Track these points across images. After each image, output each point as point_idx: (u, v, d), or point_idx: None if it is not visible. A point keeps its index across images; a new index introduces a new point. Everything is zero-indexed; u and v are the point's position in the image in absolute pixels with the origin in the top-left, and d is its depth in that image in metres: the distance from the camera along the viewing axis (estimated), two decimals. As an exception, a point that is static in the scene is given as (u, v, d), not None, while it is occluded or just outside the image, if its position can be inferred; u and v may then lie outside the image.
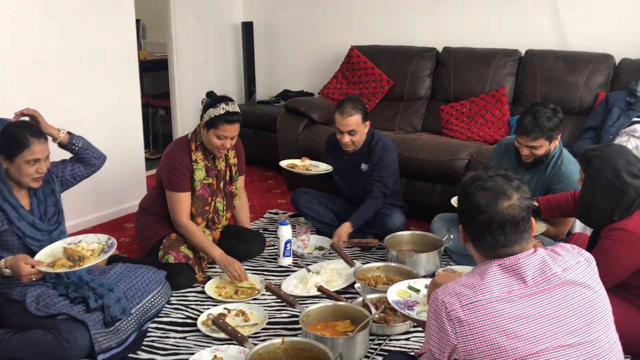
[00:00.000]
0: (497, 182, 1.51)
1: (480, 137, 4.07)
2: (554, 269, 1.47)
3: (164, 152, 3.09)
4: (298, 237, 3.34)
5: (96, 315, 2.35)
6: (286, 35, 5.54)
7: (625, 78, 3.79)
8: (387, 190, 3.37)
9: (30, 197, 2.45)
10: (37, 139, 2.34)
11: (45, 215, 2.46)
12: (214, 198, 3.10)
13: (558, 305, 1.43)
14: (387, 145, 3.41)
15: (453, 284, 1.48)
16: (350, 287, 2.91)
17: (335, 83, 4.89)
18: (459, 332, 1.41)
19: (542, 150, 2.91)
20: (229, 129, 2.91)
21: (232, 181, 3.19)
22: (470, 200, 1.50)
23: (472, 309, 1.41)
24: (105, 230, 3.78)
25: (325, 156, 3.64)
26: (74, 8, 3.57)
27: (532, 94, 4.08)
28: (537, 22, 4.29)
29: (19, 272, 2.20)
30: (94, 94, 3.77)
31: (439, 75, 4.50)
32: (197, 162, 3.00)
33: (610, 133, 3.45)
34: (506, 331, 1.38)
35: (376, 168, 3.38)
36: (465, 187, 1.55)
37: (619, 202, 2.23)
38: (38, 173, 2.36)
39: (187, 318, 2.66)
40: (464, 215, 1.55)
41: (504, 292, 1.43)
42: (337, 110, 3.34)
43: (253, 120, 5.06)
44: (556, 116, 2.87)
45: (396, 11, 4.87)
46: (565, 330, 1.41)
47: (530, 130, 2.85)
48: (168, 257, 2.90)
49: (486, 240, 1.49)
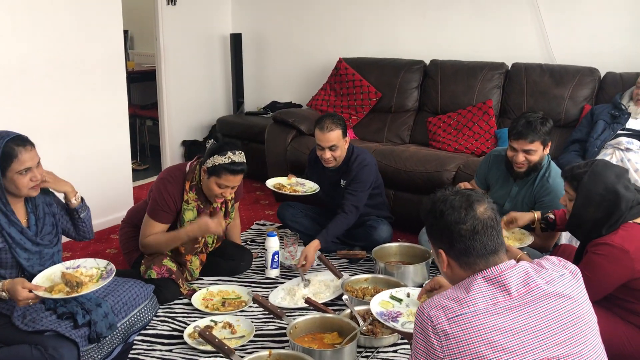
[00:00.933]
0: (464, 194, 1.58)
1: (468, 149, 4.09)
2: (537, 281, 1.48)
3: (159, 176, 3.00)
4: (285, 249, 3.33)
5: (82, 331, 2.32)
6: (274, 47, 5.56)
7: (610, 91, 3.83)
8: (359, 204, 3.32)
9: (29, 214, 2.40)
10: (24, 147, 2.27)
11: (41, 233, 2.41)
12: (204, 235, 3.02)
13: (543, 318, 1.44)
14: (364, 162, 3.37)
15: (439, 298, 1.49)
16: (338, 299, 2.90)
17: (323, 95, 4.91)
18: (445, 345, 1.41)
19: (537, 156, 2.92)
20: (232, 179, 2.80)
21: (226, 215, 3.10)
22: (448, 216, 1.54)
23: (458, 322, 1.41)
24: (91, 242, 3.75)
25: (308, 171, 3.63)
26: (61, 18, 3.56)
27: (519, 106, 4.12)
28: (524, 35, 4.34)
29: (15, 296, 2.16)
30: (81, 105, 3.75)
31: (426, 88, 4.53)
32: (188, 202, 2.90)
33: (595, 146, 3.49)
34: (492, 344, 1.39)
35: (351, 184, 3.35)
36: (435, 209, 1.58)
37: (609, 217, 2.24)
38: (33, 181, 2.30)
39: (174, 330, 2.64)
40: (445, 233, 1.56)
41: (489, 304, 1.44)
42: (317, 126, 3.31)
43: (241, 132, 5.06)
44: (547, 122, 2.90)
45: (384, 24, 4.91)
46: (551, 343, 1.42)
47: (527, 133, 2.86)
48: (150, 272, 2.84)
49: (475, 251, 1.51)
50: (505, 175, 3.10)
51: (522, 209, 3.01)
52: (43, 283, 2.29)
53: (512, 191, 3.09)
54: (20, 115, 3.41)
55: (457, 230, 1.53)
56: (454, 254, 1.56)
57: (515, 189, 3.07)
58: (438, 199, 1.60)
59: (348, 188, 3.35)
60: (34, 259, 2.35)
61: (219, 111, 5.63)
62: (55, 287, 2.27)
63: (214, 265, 3.14)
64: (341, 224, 3.27)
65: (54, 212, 2.49)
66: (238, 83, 5.56)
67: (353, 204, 3.29)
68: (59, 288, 2.26)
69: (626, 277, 2.20)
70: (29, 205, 2.40)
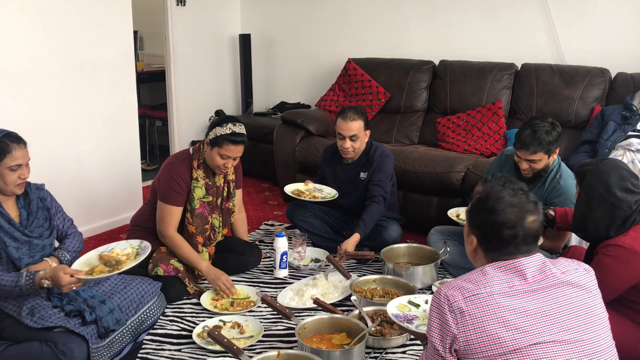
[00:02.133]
0: (521, 198, 1.60)
1: (477, 150, 4.08)
2: (553, 270, 1.54)
3: (163, 164, 3.06)
4: (294, 249, 3.33)
5: (91, 328, 2.34)
6: (283, 48, 5.56)
7: (621, 92, 3.81)
8: (386, 195, 3.36)
9: (20, 210, 2.42)
10: (17, 144, 2.31)
11: (31, 225, 2.42)
12: (212, 215, 3.08)
13: (556, 303, 1.49)
14: (385, 153, 3.43)
15: (455, 280, 1.55)
16: (347, 300, 2.90)
17: (332, 95, 4.90)
18: (460, 322, 1.46)
19: (541, 165, 2.91)
20: (233, 149, 2.89)
21: (229, 197, 3.15)
22: (499, 216, 1.57)
23: (473, 300, 1.47)
24: (100, 242, 3.76)
25: (321, 167, 3.64)
26: (72, 19, 3.58)
27: (528, 107, 4.10)
28: (533, 36, 4.32)
29: (59, 282, 2.22)
30: (91, 105, 3.77)
31: (435, 88, 4.52)
32: (197, 180, 2.97)
33: (605, 147, 3.46)
34: (505, 323, 1.44)
35: (375, 174, 3.38)
36: (488, 202, 1.61)
37: (613, 218, 2.23)
38: (20, 179, 2.33)
39: (183, 330, 2.65)
40: (487, 227, 1.59)
41: (505, 287, 1.49)
42: (340, 116, 3.36)
43: (250, 132, 4.99)
44: (555, 130, 2.88)
45: (393, 24, 4.90)
46: (561, 327, 1.46)
47: (530, 144, 2.85)
48: (157, 269, 2.86)
49: (507, 250, 1.56)
50: (516, 177, 3.08)
51: None
52: (81, 268, 2.35)
53: None
54: (30, 116, 3.43)
55: (500, 232, 1.56)
56: (487, 247, 1.60)
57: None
58: (495, 194, 1.63)
59: (373, 179, 3.37)
60: (24, 249, 2.36)
61: (227, 111, 5.63)
62: (95, 268, 2.34)
63: (224, 260, 3.15)
64: (375, 213, 3.30)
65: (47, 207, 2.50)
66: (247, 83, 5.57)
67: (381, 194, 3.33)
68: (99, 269, 2.33)
69: (637, 278, 2.19)
70: (20, 201, 2.42)
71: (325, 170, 3.60)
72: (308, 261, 3.35)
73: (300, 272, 3.26)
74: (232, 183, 3.16)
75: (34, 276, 2.24)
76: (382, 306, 2.61)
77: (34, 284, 2.23)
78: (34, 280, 2.23)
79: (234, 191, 3.19)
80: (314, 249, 3.47)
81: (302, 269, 3.27)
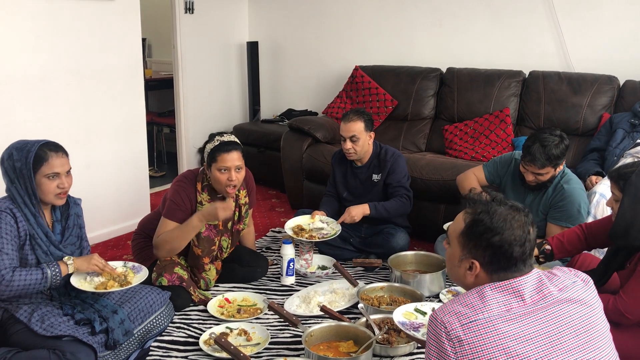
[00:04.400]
0: (516, 212, 1.53)
1: (485, 157, 4.07)
2: (550, 288, 1.48)
3: (174, 180, 3.03)
4: (301, 256, 3.32)
5: (99, 337, 2.34)
6: (291, 55, 5.58)
7: (630, 100, 3.80)
8: (410, 193, 3.39)
9: (54, 222, 2.44)
10: (55, 152, 2.34)
11: (65, 242, 2.45)
12: (219, 237, 3.05)
13: (556, 324, 1.43)
14: (397, 153, 3.45)
15: (452, 303, 1.47)
16: (354, 307, 2.89)
17: (339, 102, 4.91)
18: (459, 351, 1.40)
19: (547, 177, 2.93)
20: (228, 157, 2.82)
21: (240, 220, 3.13)
22: (507, 235, 1.49)
23: (472, 328, 1.40)
24: (108, 248, 3.78)
25: (332, 171, 3.64)
26: (81, 27, 3.61)
27: (536, 114, 4.09)
28: (541, 43, 4.32)
29: (89, 259, 2.40)
30: (99, 112, 3.79)
31: (443, 96, 4.52)
32: (201, 203, 2.93)
33: (614, 154, 3.45)
34: (506, 350, 1.38)
35: (391, 176, 3.39)
36: (489, 222, 1.51)
37: None
38: (60, 188, 2.34)
39: (189, 337, 2.64)
40: (493, 250, 1.50)
41: (504, 310, 1.43)
42: (342, 118, 3.39)
43: (257, 139, 5.08)
44: (562, 143, 2.87)
45: (400, 32, 4.91)
46: (564, 349, 1.41)
47: (538, 159, 2.85)
48: (161, 279, 2.85)
49: (516, 269, 1.49)
50: (520, 184, 3.08)
51: (536, 217, 2.99)
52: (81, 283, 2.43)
53: (526, 199, 3.06)
54: (40, 123, 3.46)
55: (510, 251, 1.48)
56: (493, 269, 1.51)
57: (530, 196, 3.05)
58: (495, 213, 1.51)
59: (392, 182, 3.39)
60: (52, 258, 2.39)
61: (235, 118, 5.66)
62: (107, 283, 2.45)
63: (230, 271, 3.15)
64: (396, 206, 3.33)
65: (81, 225, 2.52)
66: (254, 91, 5.58)
67: (405, 193, 3.36)
68: (110, 285, 2.44)
69: None
70: (55, 213, 2.43)
71: (337, 173, 3.60)
72: (315, 268, 3.35)
73: (307, 279, 3.26)
74: (245, 206, 3.13)
75: (58, 265, 2.31)
76: (389, 314, 2.60)
77: (59, 271, 2.30)
78: (59, 267, 2.30)
79: (246, 213, 3.16)
80: (321, 256, 3.46)
81: (309, 276, 3.27)
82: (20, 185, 2.30)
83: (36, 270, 2.26)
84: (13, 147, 2.34)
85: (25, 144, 2.34)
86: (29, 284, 2.24)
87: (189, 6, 5.05)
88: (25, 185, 2.30)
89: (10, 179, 2.32)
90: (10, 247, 2.24)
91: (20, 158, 2.29)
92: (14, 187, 2.31)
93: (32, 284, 2.25)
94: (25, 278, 2.23)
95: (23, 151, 2.30)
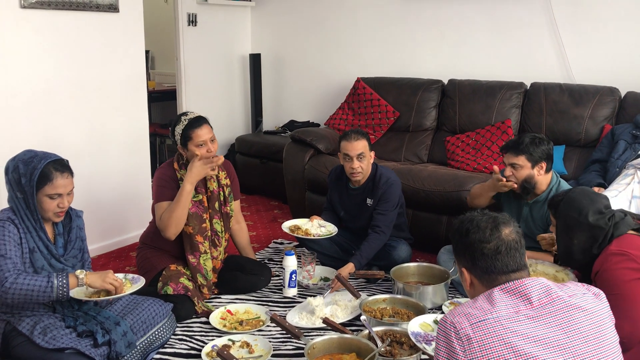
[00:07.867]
0: (491, 215, 1.66)
1: (487, 168, 4.07)
2: (559, 293, 1.52)
3: (153, 179, 3.14)
4: (303, 268, 3.32)
5: (102, 350, 2.33)
6: (293, 67, 5.61)
7: (631, 111, 3.80)
8: (390, 225, 3.35)
9: (56, 236, 2.44)
10: (61, 173, 2.33)
11: (68, 254, 2.45)
12: (210, 218, 3.11)
13: (565, 330, 1.45)
14: (390, 180, 3.40)
15: (461, 307, 1.53)
16: (356, 320, 2.89)
17: (341, 114, 4.93)
18: (468, 350, 1.43)
19: (524, 172, 2.93)
20: (201, 132, 2.96)
21: (226, 202, 3.20)
22: (474, 234, 1.61)
23: (480, 327, 1.44)
24: (110, 259, 3.78)
25: (329, 192, 3.63)
26: (85, 39, 3.64)
27: (538, 126, 4.10)
28: (542, 55, 4.34)
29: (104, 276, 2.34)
30: (102, 123, 3.81)
31: (444, 107, 4.53)
32: (182, 179, 3.01)
33: (616, 166, 3.45)
34: (514, 348, 1.40)
35: (380, 203, 3.36)
36: (464, 226, 1.65)
37: (595, 238, 2.26)
38: (59, 208, 2.35)
39: (191, 349, 2.64)
40: (468, 251, 1.62)
41: (512, 311, 1.47)
42: (343, 139, 3.35)
43: (259, 150, 5.09)
44: (542, 143, 2.93)
45: (402, 43, 4.93)
46: (571, 354, 1.43)
47: (511, 147, 2.95)
48: (167, 288, 2.86)
49: (496, 269, 1.57)
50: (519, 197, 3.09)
51: (535, 230, 3.00)
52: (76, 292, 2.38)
53: (523, 212, 3.07)
54: (43, 134, 3.48)
55: (480, 249, 1.59)
56: (476, 272, 1.61)
57: (527, 209, 3.06)
58: (466, 218, 1.68)
59: (377, 208, 3.36)
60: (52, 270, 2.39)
61: (237, 130, 5.68)
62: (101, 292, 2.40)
63: (234, 279, 3.15)
64: (375, 245, 3.30)
65: (82, 237, 2.52)
66: (257, 102, 5.61)
67: (386, 224, 3.33)
68: (103, 293, 2.39)
69: None
70: (57, 226, 2.44)
71: (332, 194, 3.60)
72: (317, 280, 3.34)
73: (309, 291, 3.25)
74: (227, 188, 3.21)
75: (67, 276, 2.25)
76: (392, 326, 2.60)
77: (67, 283, 2.24)
78: (67, 279, 2.24)
79: (230, 196, 3.23)
80: (324, 268, 3.46)
81: (311, 287, 3.26)
82: (21, 199, 2.31)
83: (42, 277, 2.23)
84: (19, 159, 2.33)
85: (32, 157, 2.32)
86: (32, 289, 2.19)
87: (192, 19, 5.08)
88: (26, 201, 2.31)
89: (13, 190, 2.33)
90: (13, 253, 2.24)
91: (26, 174, 2.28)
92: (17, 200, 2.32)
93: (35, 290, 2.19)
94: (29, 282, 2.19)
95: (29, 166, 2.29)
